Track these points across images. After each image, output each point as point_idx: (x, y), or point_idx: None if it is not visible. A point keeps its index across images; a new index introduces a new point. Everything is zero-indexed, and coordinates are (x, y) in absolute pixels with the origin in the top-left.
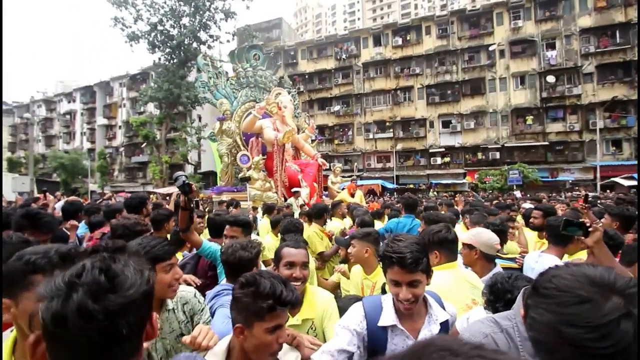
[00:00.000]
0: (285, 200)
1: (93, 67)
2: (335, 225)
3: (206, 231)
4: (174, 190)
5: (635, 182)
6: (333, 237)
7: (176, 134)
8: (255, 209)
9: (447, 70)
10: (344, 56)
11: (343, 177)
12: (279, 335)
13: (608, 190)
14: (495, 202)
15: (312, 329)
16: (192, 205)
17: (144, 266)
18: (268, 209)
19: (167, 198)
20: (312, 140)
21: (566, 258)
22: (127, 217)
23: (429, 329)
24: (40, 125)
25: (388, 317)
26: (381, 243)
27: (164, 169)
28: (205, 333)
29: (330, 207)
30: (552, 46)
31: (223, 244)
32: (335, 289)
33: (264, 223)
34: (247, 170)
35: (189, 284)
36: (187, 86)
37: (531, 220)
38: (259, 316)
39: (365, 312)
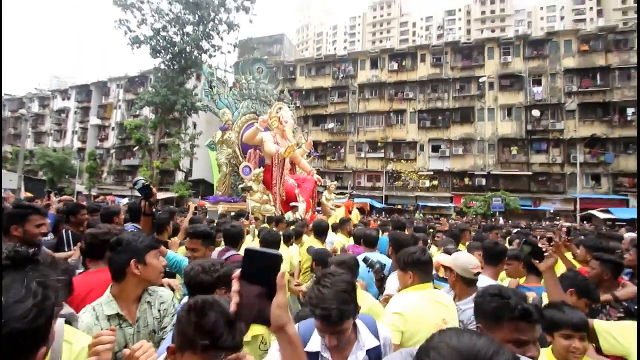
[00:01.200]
0: (282, 214)
1: (91, 66)
2: (340, 241)
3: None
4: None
5: (611, 216)
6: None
7: (170, 139)
8: (257, 219)
9: (439, 98)
10: (341, 76)
11: (335, 194)
12: None
13: (585, 222)
14: (475, 226)
15: (263, 343)
16: (154, 211)
17: (52, 283)
18: (276, 221)
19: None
20: (307, 156)
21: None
22: (99, 227)
23: (356, 356)
24: (31, 121)
25: (315, 344)
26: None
27: (154, 174)
28: (146, 350)
29: (339, 224)
30: (538, 83)
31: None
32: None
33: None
34: (249, 182)
35: (172, 289)
36: (185, 93)
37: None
38: (192, 348)
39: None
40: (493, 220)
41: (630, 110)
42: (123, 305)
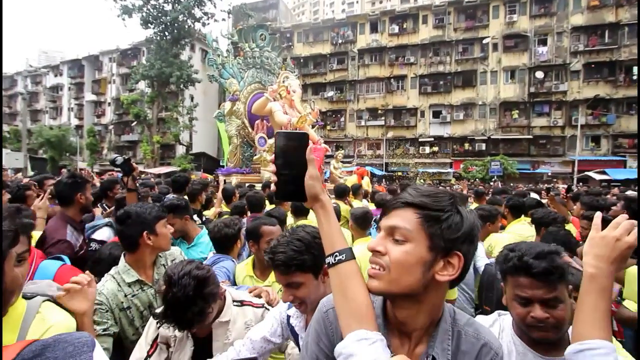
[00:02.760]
0: None
1: (80, 39)
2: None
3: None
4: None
5: (607, 177)
6: None
7: (168, 113)
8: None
9: (441, 61)
10: (340, 41)
11: (342, 162)
12: None
13: (581, 183)
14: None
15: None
16: (137, 185)
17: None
18: None
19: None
20: (312, 126)
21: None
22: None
23: None
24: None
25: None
26: None
27: (155, 149)
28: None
29: (352, 190)
30: (543, 42)
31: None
32: None
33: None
34: (263, 153)
35: None
36: (179, 65)
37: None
38: None
39: None
40: (491, 184)
41: (635, 69)
42: (140, 272)
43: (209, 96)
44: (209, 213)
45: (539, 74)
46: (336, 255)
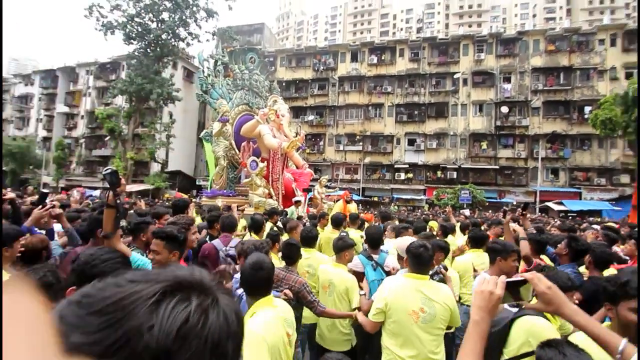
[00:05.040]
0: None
1: (55, 49)
2: (354, 235)
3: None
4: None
5: (564, 207)
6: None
7: (144, 129)
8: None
9: (416, 92)
10: (321, 68)
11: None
12: None
13: (541, 213)
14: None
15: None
16: (117, 202)
17: None
18: (270, 214)
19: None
20: (297, 150)
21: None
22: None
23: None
24: None
25: None
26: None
27: (128, 165)
28: None
29: (349, 218)
30: (508, 80)
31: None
32: None
33: None
34: (255, 176)
35: None
36: (160, 82)
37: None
38: None
39: None
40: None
41: (587, 109)
42: None
43: (188, 114)
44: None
45: (504, 109)
46: None
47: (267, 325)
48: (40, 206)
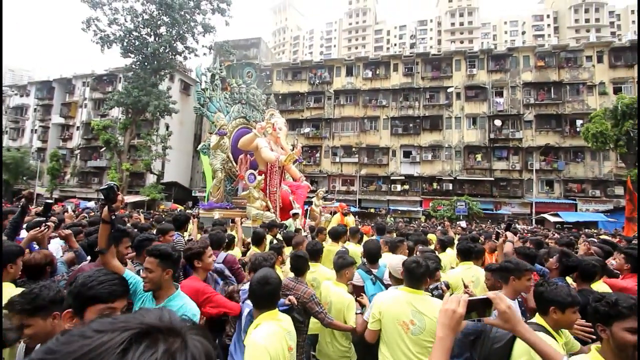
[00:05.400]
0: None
1: (52, 61)
2: (355, 249)
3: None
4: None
5: (560, 219)
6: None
7: (140, 141)
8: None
9: (410, 106)
10: (317, 82)
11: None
12: None
13: (538, 224)
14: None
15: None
16: (113, 218)
17: None
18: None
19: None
20: (294, 162)
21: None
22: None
23: None
24: None
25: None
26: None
27: (124, 177)
28: None
29: (350, 233)
30: (500, 94)
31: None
32: None
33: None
34: (253, 189)
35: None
36: (157, 95)
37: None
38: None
39: None
40: (457, 223)
41: (578, 122)
42: None
43: (185, 126)
44: None
45: (497, 122)
46: None
47: (270, 337)
48: (36, 227)
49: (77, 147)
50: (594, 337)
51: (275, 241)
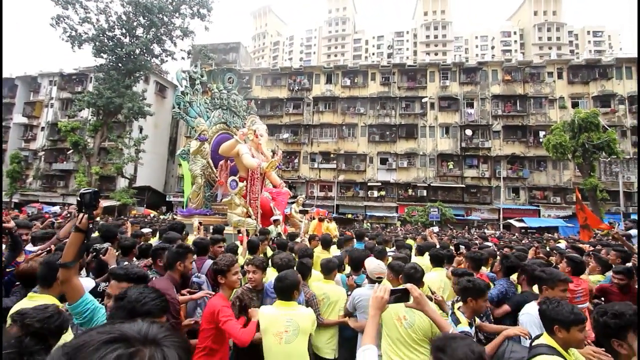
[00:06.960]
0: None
1: (15, 57)
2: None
3: None
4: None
5: (524, 224)
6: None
7: (111, 143)
8: (249, 234)
9: (387, 114)
10: (296, 88)
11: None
12: None
13: (504, 229)
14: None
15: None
16: (90, 227)
17: None
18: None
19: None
20: (274, 169)
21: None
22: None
23: None
24: None
25: None
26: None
27: (93, 181)
28: None
29: (342, 241)
30: (471, 105)
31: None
32: None
33: None
34: (234, 196)
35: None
36: (131, 97)
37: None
38: None
39: None
40: (431, 228)
41: (541, 133)
42: None
43: (160, 129)
44: None
45: (468, 132)
46: None
47: (270, 311)
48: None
49: (41, 148)
50: None
51: (270, 251)
